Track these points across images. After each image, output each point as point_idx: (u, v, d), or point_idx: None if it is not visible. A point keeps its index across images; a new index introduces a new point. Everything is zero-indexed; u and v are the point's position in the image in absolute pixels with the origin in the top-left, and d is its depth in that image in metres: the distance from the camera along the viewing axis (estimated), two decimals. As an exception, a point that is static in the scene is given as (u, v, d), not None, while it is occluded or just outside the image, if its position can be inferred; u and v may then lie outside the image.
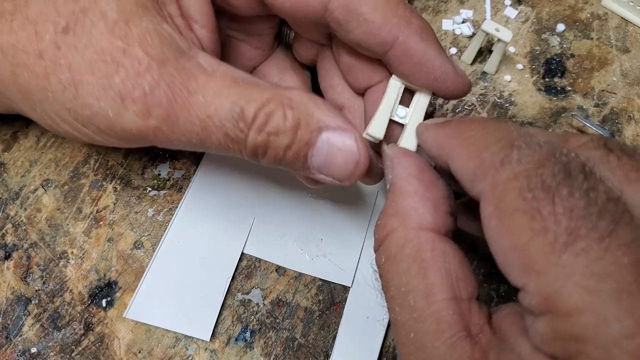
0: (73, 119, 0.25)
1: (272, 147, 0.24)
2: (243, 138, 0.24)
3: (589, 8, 0.40)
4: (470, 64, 0.38)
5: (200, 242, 0.31)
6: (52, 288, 0.30)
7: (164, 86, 0.23)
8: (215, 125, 0.23)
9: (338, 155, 0.24)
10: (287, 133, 0.24)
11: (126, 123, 0.23)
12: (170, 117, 0.23)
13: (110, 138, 0.25)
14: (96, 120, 0.24)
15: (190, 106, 0.23)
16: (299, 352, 0.30)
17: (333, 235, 0.32)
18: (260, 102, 0.23)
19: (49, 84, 0.24)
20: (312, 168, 0.25)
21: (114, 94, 0.23)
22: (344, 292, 0.31)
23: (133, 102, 0.23)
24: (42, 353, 0.29)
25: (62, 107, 0.24)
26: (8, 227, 0.32)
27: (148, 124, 0.23)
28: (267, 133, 0.23)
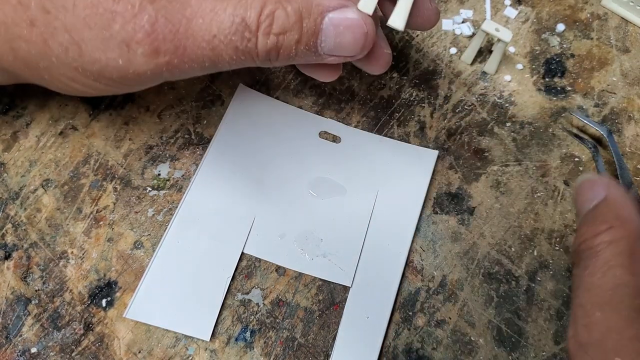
0: (83, 76, 0.25)
1: (284, 47, 0.24)
2: (253, 46, 0.24)
3: (589, 8, 0.40)
4: (470, 64, 0.38)
5: (200, 242, 0.31)
6: (52, 288, 0.30)
7: (163, 20, 0.23)
8: (223, 43, 0.23)
9: (346, 33, 0.25)
10: (294, 28, 0.24)
11: (138, 67, 0.24)
12: (178, 49, 0.23)
13: (123, 86, 0.25)
14: (107, 72, 0.24)
15: (194, 32, 0.23)
16: (299, 352, 0.30)
17: (333, 235, 0.32)
18: (258, 6, 0.23)
19: (50, 49, 0.24)
20: (323, 54, 0.26)
21: (118, 42, 0.23)
22: (344, 292, 0.31)
23: (138, 44, 0.23)
24: (42, 353, 0.29)
25: (69, 68, 0.24)
26: (8, 227, 0.32)
27: (159, 61, 0.23)
28: (276, 34, 0.24)
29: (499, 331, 0.30)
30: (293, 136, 0.35)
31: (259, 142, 0.34)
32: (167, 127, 0.35)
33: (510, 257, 0.32)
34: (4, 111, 0.34)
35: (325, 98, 0.36)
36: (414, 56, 0.38)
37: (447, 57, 0.38)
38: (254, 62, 0.25)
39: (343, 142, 0.35)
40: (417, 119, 0.36)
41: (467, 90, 0.37)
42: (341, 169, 0.34)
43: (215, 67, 0.25)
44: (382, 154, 0.35)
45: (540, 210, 0.33)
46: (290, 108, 0.36)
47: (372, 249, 0.32)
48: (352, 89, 0.37)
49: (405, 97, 0.37)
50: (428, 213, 0.33)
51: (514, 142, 0.35)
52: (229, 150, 0.34)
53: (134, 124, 0.35)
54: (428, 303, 0.31)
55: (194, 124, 0.35)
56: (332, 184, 0.34)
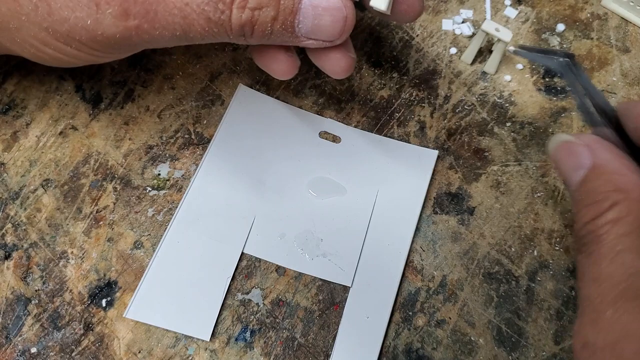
0: (53, 38, 0.24)
1: (259, 23, 0.24)
2: (226, 19, 0.23)
3: (589, 8, 0.40)
4: (470, 64, 0.38)
5: (200, 242, 0.31)
6: (52, 288, 0.30)
7: None
8: (195, 12, 0.23)
9: (324, 15, 0.24)
10: (270, 4, 0.23)
11: (106, 29, 0.23)
12: (149, 13, 0.23)
13: (94, 51, 0.25)
14: (76, 34, 0.24)
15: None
16: (299, 352, 0.30)
17: (333, 234, 0.32)
18: None
19: (20, 5, 0.24)
20: (300, 36, 0.25)
21: (87, 1, 0.23)
22: (344, 292, 0.31)
23: (108, 5, 0.23)
24: (42, 353, 0.29)
25: (39, 29, 0.24)
26: (8, 227, 0.32)
27: (128, 24, 0.23)
28: (251, 9, 0.23)
29: (499, 331, 0.30)
30: (293, 136, 0.35)
31: (259, 142, 0.34)
32: (167, 127, 0.35)
33: (510, 257, 0.32)
34: (4, 111, 0.34)
35: (325, 98, 0.36)
36: (414, 56, 0.38)
37: (447, 57, 0.38)
38: (228, 36, 0.24)
39: (343, 142, 0.35)
40: (417, 119, 0.36)
41: (467, 90, 0.37)
42: (341, 169, 0.34)
43: (187, 37, 0.24)
44: (382, 154, 0.35)
45: (540, 210, 0.33)
46: (290, 108, 0.36)
47: (372, 249, 0.32)
48: (352, 89, 0.37)
49: (405, 97, 0.37)
50: (428, 213, 0.33)
51: (514, 142, 0.35)
52: (229, 150, 0.34)
53: (134, 123, 0.35)
54: (428, 303, 0.31)
55: (194, 124, 0.35)
56: (332, 184, 0.34)
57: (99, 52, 0.25)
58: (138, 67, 0.36)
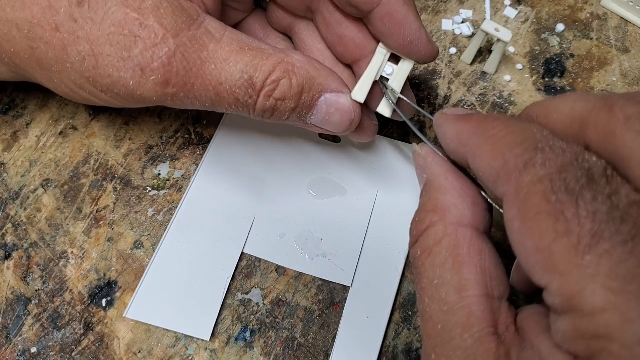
0: (92, 86, 0.26)
1: (279, 111, 0.26)
2: (252, 103, 0.26)
3: (589, 8, 0.40)
4: (470, 64, 0.38)
5: (200, 242, 0.31)
6: (52, 288, 0.30)
7: (180, 56, 0.24)
8: (227, 92, 0.25)
9: (335, 114, 0.27)
10: (293, 98, 0.26)
11: (146, 92, 0.25)
12: (187, 85, 0.25)
13: (128, 103, 0.26)
14: (116, 88, 0.25)
15: (204, 74, 0.25)
16: (299, 352, 0.30)
17: (333, 235, 0.32)
18: (267, 70, 0.25)
19: (67, 55, 0.25)
20: (310, 124, 0.28)
21: (134, 65, 0.24)
22: (344, 292, 0.31)
23: (152, 72, 0.24)
24: (42, 353, 0.29)
25: (81, 77, 0.25)
26: (8, 227, 0.32)
27: (166, 91, 0.25)
28: (275, 99, 0.26)
29: (498, 331, 0.30)
30: (293, 136, 0.35)
31: (259, 142, 0.34)
32: (167, 127, 0.35)
33: (510, 257, 0.32)
34: (4, 111, 0.34)
35: (325, 98, 0.36)
36: (413, 56, 0.38)
37: (447, 57, 0.38)
38: (247, 114, 0.27)
39: (343, 142, 0.35)
40: (417, 119, 0.36)
41: (467, 90, 0.37)
42: (341, 169, 0.34)
43: (214, 108, 0.26)
44: (382, 154, 0.35)
45: (540, 210, 0.33)
46: None
47: (372, 249, 0.32)
48: (352, 89, 0.37)
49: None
50: (428, 213, 0.33)
51: (513, 142, 0.35)
52: (229, 150, 0.34)
53: (134, 124, 0.35)
54: (428, 303, 0.31)
55: (194, 124, 0.35)
56: (332, 184, 0.34)
57: (129, 103, 0.27)
58: (138, 67, 0.36)
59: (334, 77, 0.28)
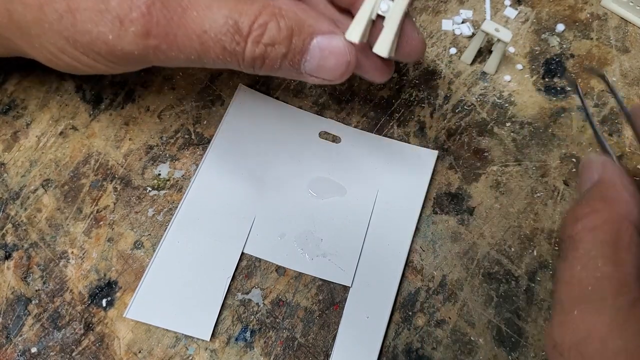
0: (72, 47, 0.25)
1: (270, 58, 0.25)
2: (240, 51, 0.25)
3: (589, 8, 0.40)
4: (470, 64, 0.38)
5: (200, 242, 0.31)
6: (52, 288, 0.30)
7: (159, 4, 0.24)
8: (212, 40, 0.24)
9: (330, 58, 0.26)
10: (283, 43, 0.25)
11: (126, 45, 0.24)
12: (169, 35, 0.24)
13: (110, 63, 0.26)
14: (96, 46, 0.25)
15: (187, 22, 0.24)
16: (299, 352, 0.30)
17: (333, 234, 0.32)
18: (253, 14, 0.24)
19: (45, 14, 0.24)
20: (305, 73, 0.27)
21: (112, 17, 0.24)
22: (344, 292, 0.31)
23: (132, 23, 0.24)
24: (42, 353, 0.29)
25: (60, 37, 0.25)
26: (8, 227, 0.32)
27: (148, 43, 0.24)
28: (264, 44, 0.25)
29: (498, 331, 0.31)
30: (293, 136, 0.35)
31: (259, 142, 0.34)
32: (167, 127, 0.35)
33: (510, 257, 0.32)
34: (4, 111, 0.34)
35: (325, 98, 0.36)
36: (413, 56, 0.38)
37: (447, 57, 0.38)
38: (238, 65, 0.26)
39: (343, 142, 0.35)
40: (417, 119, 0.36)
41: (467, 91, 0.37)
42: (341, 169, 0.34)
43: (201, 61, 0.25)
44: (382, 154, 0.35)
45: (540, 210, 0.34)
46: (290, 108, 0.36)
47: (372, 249, 0.32)
48: (352, 89, 0.37)
49: (405, 97, 0.37)
50: (428, 213, 0.33)
51: (513, 143, 0.35)
52: (229, 151, 0.34)
53: (134, 124, 0.35)
54: (428, 303, 0.31)
55: (194, 124, 0.35)
56: (332, 184, 0.34)
57: (115, 64, 0.26)
58: (138, 67, 0.36)
59: (324, 19, 0.27)
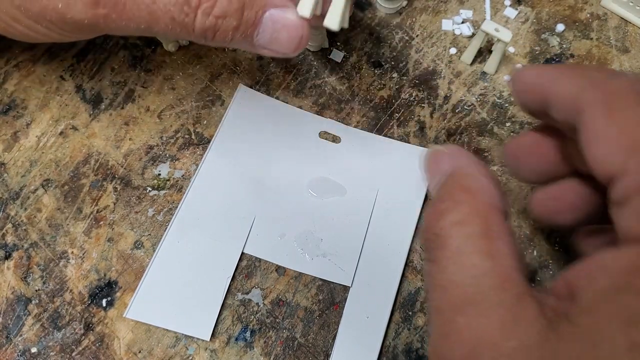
0: (24, 16, 0.26)
1: (221, 30, 0.25)
2: (190, 22, 0.25)
3: (589, 8, 0.40)
4: (470, 64, 0.38)
5: (200, 242, 0.31)
6: (52, 288, 0.30)
7: None
8: (161, 10, 0.24)
9: (282, 31, 0.26)
10: (234, 15, 0.25)
11: (76, 13, 0.25)
12: (117, 4, 0.24)
13: (63, 31, 0.26)
14: (47, 15, 0.25)
15: None
16: (299, 352, 0.30)
17: (333, 234, 0.32)
18: None
19: None
20: (257, 46, 0.27)
21: None
22: (344, 292, 0.31)
23: None
24: (42, 353, 0.29)
25: (11, 6, 0.25)
26: (8, 227, 0.32)
27: (97, 12, 0.24)
28: (215, 16, 0.25)
29: (498, 331, 0.30)
30: (293, 136, 0.35)
31: (259, 142, 0.34)
32: (167, 127, 0.35)
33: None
34: (4, 111, 0.34)
35: (325, 98, 0.36)
36: (413, 56, 0.38)
37: (447, 57, 0.38)
38: (189, 36, 0.26)
39: (343, 142, 0.35)
40: (417, 119, 0.36)
41: (467, 90, 0.37)
42: (341, 169, 0.34)
43: (150, 30, 0.26)
44: (382, 154, 0.35)
45: (540, 210, 0.33)
46: (290, 108, 0.36)
47: (372, 249, 0.32)
48: (352, 89, 0.37)
49: (405, 97, 0.37)
50: (428, 213, 0.33)
51: (513, 142, 0.35)
52: (229, 150, 0.34)
53: (134, 124, 0.35)
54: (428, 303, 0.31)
55: (194, 124, 0.35)
56: (332, 184, 0.34)
57: (67, 32, 0.27)
58: (138, 67, 0.36)
59: None
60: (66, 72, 0.36)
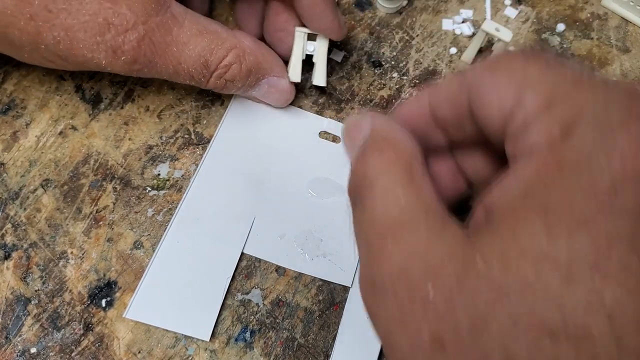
0: (63, 61, 0.28)
1: (227, 88, 0.32)
2: (205, 81, 0.31)
3: (589, 8, 0.40)
4: (470, 64, 0.38)
5: (200, 242, 0.31)
6: (52, 288, 0.30)
7: (148, 40, 0.28)
8: (184, 70, 0.29)
9: (274, 93, 0.33)
10: (241, 80, 0.31)
11: (115, 68, 0.28)
12: (151, 63, 0.29)
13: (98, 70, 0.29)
14: (87, 66, 0.28)
15: (167, 55, 0.29)
16: (299, 352, 0.30)
17: (333, 235, 0.32)
18: (221, 55, 0.30)
19: (42, 39, 0.27)
20: (250, 97, 0.34)
21: (107, 48, 0.27)
22: (344, 292, 0.31)
23: (123, 53, 0.28)
24: (41, 353, 0.29)
25: (54, 55, 0.28)
26: (8, 227, 0.31)
27: (133, 67, 0.28)
28: (226, 80, 0.31)
29: (499, 331, 0.30)
30: (293, 136, 0.35)
31: (259, 142, 0.34)
32: (167, 127, 0.35)
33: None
34: (4, 111, 0.34)
35: (325, 98, 0.36)
36: (414, 56, 0.38)
37: (447, 57, 0.38)
38: (200, 87, 0.31)
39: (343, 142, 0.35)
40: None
41: (467, 90, 0.37)
42: (341, 169, 0.34)
43: (170, 79, 0.30)
44: None
45: (540, 210, 0.33)
46: (290, 108, 0.36)
47: None
48: (352, 89, 0.37)
49: (405, 97, 0.37)
50: (428, 213, 0.33)
51: (514, 142, 0.35)
52: (229, 150, 0.34)
53: (134, 124, 0.35)
54: (428, 303, 0.31)
55: (194, 124, 0.35)
56: (332, 184, 0.34)
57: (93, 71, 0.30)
58: (138, 67, 0.36)
59: (277, 62, 0.33)
60: (66, 72, 0.36)
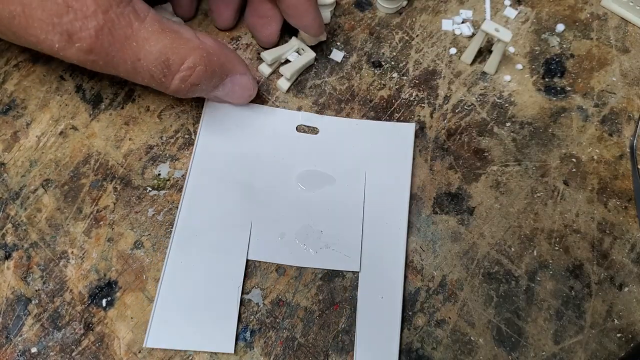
0: (16, 39, 0.28)
1: (190, 92, 0.30)
2: (167, 83, 0.29)
3: (589, 8, 0.40)
4: (470, 64, 0.38)
5: (203, 257, 0.31)
6: (52, 288, 0.30)
7: (107, 31, 0.27)
8: (143, 67, 0.28)
9: (237, 91, 0.32)
10: (205, 82, 0.30)
11: (68, 54, 0.27)
12: (108, 55, 0.27)
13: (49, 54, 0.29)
14: (40, 47, 0.27)
15: (125, 49, 0.27)
16: (299, 352, 0.30)
17: (332, 224, 0.32)
18: (183, 55, 0.28)
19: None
20: (213, 97, 0.33)
21: (62, 31, 0.26)
22: (344, 291, 0.31)
23: (79, 40, 0.26)
24: (42, 353, 0.29)
25: (8, 31, 0.27)
26: (8, 227, 0.32)
27: (88, 57, 0.27)
28: (190, 83, 0.29)
29: (498, 331, 0.31)
30: (271, 135, 0.35)
31: (239, 148, 0.34)
32: (167, 127, 0.35)
33: (510, 257, 0.32)
34: (4, 111, 0.34)
35: (325, 98, 0.36)
36: (414, 56, 0.38)
37: (447, 57, 0.38)
38: (161, 89, 0.30)
39: (321, 132, 0.35)
40: (417, 119, 0.36)
41: (467, 90, 0.37)
42: (325, 159, 0.34)
43: (130, 79, 0.29)
44: (361, 136, 0.35)
45: (539, 210, 0.34)
46: (262, 108, 0.35)
47: (372, 230, 0.32)
48: (352, 89, 0.37)
49: (405, 97, 0.37)
50: (428, 213, 0.33)
51: (513, 142, 0.35)
52: (211, 162, 0.33)
53: (134, 124, 0.35)
54: (428, 303, 0.31)
55: (194, 124, 0.35)
56: (319, 175, 0.34)
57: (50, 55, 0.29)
58: (138, 67, 0.36)
59: (239, 60, 0.32)
60: (66, 72, 0.36)
